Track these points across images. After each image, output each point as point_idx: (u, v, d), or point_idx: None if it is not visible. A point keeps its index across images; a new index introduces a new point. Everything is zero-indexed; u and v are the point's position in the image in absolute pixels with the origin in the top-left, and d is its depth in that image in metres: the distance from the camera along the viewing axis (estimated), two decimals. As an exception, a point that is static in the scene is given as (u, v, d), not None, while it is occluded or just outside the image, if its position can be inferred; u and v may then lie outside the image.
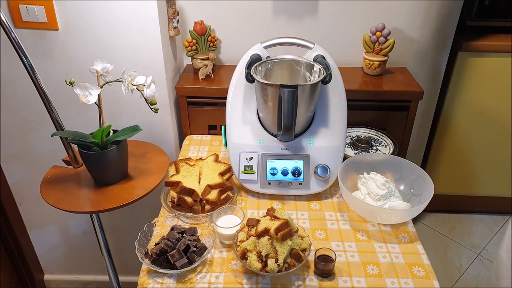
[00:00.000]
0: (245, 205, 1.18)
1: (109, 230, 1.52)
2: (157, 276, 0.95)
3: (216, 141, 1.49)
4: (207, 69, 1.51)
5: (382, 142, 1.41)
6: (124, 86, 1.07)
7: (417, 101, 1.49)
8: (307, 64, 1.19)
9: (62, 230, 1.77)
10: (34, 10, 1.23)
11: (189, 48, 1.50)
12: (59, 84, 1.29)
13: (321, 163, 1.18)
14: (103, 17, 1.26)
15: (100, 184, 1.15)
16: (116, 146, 1.10)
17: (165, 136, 1.50)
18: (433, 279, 0.95)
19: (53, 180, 1.17)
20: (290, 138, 1.15)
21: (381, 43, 1.51)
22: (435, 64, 1.66)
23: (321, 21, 1.54)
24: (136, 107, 1.41)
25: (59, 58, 1.33)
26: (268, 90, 1.11)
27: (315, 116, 1.22)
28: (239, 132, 1.22)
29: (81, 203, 1.11)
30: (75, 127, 1.22)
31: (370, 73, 1.56)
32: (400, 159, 1.20)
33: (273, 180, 1.18)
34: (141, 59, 1.33)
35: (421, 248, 1.04)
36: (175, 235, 0.98)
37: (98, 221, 1.27)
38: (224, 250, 1.03)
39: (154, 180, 1.16)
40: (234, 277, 0.95)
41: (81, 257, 1.85)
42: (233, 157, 1.21)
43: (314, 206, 1.18)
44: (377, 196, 1.11)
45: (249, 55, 1.19)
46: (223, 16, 1.53)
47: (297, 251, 0.93)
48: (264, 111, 1.18)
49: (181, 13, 1.52)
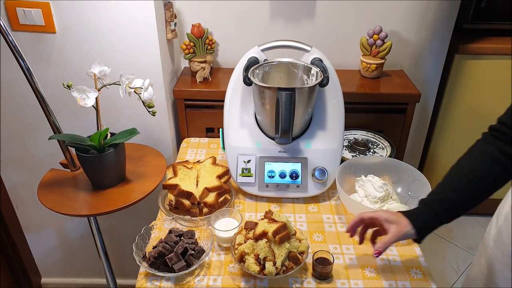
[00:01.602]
0: (243, 208, 1.18)
1: (106, 233, 1.51)
2: (155, 279, 0.95)
3: (214, 144, 1.49)
4: (205, 72, 1.51)
5: (379, 144, 1.41)
6: (122, 89, 1.07)
7: (414, 104, 1.49)
8: (305, 67, 1.19)
9: (60, 233, 1.76)
10: (31, 13, 1.23)
11: (186, 51, 1.51)
12: (57, 87, 1.29)
13: (318, 165, 1.19)
14: (100, 20, 1.26)
15: (98, 187, 1.14)
16: (114, 149, 1.10)
17: (162, 139, 1.50)
18: (430, 281, 0.95)
19: (51, 183, 1.17)
20: (288, 140, 1.15)
21: (378, 45, 1.51)
22: (432, 66, 1.67)
23: (319, 24, 1.54)
24: (134, 110, 1.41)
25: (56, 61, 1.33)
26: (265, 93, 1.11)
27: (312, 119, 1.22)
28: (237, 135, 1.22)
29: (78, 206, 1.11)
30: (73, 130, 1.22)
31: (367, 75, 1.57)
32: (398, 162, 1.21)
33: (271, 183, 1.18)
34: (138, 62, 1.33)
35: (418, 250, 1.04)
36: (173, 238, 0.98)
37: (95, 224, 1.26)
38: (222, 253, 1.03)
39: (152, 183, 1.16)
40: (232, 280, 0.95)
41: (78, 260, 1.85)
42: (231, 160, 1.21)
43: (312, 209, 1.18)
44: (375, 198, 1.11)
45: (246, 58, 1.19)
46: (220, 19, 1.54)
47: (295, 254, 0.93)
48: (261, 114, 1.18)
49: (179, 16, 1.52)
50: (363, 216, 0.92)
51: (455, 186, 0.86)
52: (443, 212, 0.86)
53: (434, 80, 1.72)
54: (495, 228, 0.97)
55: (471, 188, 0.85)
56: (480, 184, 0.84)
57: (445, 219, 0.86)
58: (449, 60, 1.73)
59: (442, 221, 0.86)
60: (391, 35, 1.54)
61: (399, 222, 0.87)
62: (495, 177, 0.83)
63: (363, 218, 0.92)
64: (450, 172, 0.88)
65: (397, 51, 1.59)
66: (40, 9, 1.23)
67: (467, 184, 0.85)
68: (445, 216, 0.86)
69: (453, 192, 0.86)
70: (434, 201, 0.88)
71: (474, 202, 0.85)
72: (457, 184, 0.86)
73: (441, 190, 0.88)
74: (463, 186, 0.85)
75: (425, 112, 1.81)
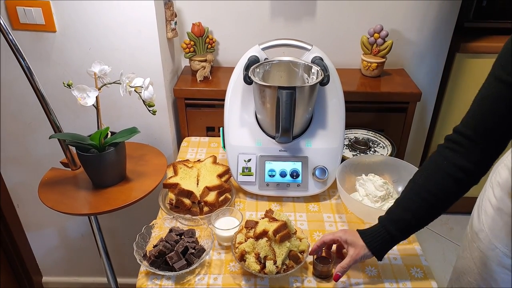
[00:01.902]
0: (244, 207, 1.18)
1: (107, 232, 1.51)
2: (156, 278, 0.95)
3: (214, 143, 1.49)
4: (205, 71, 1.51)
5: (380, 143, 1.41)
6: (122, 88, 1.07)
7: (415, 103, 1.49)
8: (305, 66, 1.19)
9: (60, 232, 1.76)
10: (31, 12, 1.23)
11: (187, 50, 1.50)
12: (57, 86, 1.29)
13: (319, 164, 1.19)
14: (100, 19, 1.26)
15: (98, 186, 1.14)
16: (114, 148, 1.10)
17: (163, 138, 1.50)
18: (431, 280, 0.95)
19: (51, 182, 1.17)
20: (288, 139, 1.15)
21: (379, 44, 1.51)
22: (433, 65, 1.67)
23: (319, 22, 1.54)
24: (134, 109, 1.41)
25: (56, 60, 1.33)
26: (266, 91, 1.11)
27: (313, 118, 1.22)
28: (237, 134, 1.22)
29: (79, 205, 1.11)
30: (73, 129, 1.22)
31: (368, 74, 1.57)
32: (398, 161, 1.21)
33: (271, 182, 1.18)
34: (139, 61, 1.33)
35: (419, 249, 1.04)
36: (173, 237, 0.98)
37: (96, 223, 1.26)
38: (223, 252, 1.03)
39: (152, 182, 1.16)
40: (232, 279, 0.95)
41: (79, 259, 1.85)
42: (231, 159, 1.21)
43: (313, 208, 1.18)
44: (375, 197, 1.11)
45: (247, 57, 1.19)
46: (221, 18, 1.54)
47: (295, 253, 0.93)
48: (262, 112, 1.18)
49: (179, 15, 1.52)
50: (325, 239, 0.95)
51: (409, 206, 0.87)
52: (398, 232, 0.88)
53: (435, 79, 1.71)
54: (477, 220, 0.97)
55: (425, 206, 0.85)
56: (435, 203, 0.84)
57: (400, 238, 0.89)
58: (450, 59, 1.73)
59: (398, 240, 0.89)
60: (392, 33, 1.54)
61: (356, 245, 0.90)
62: (450, 193, 0.83)
63: (324, 241, 0.95)
64: (406, 188, 0.89)
65: (398, 50, 1.58)
66: (40, 8, 1.23)
67: (421, 203, 0.85)
68: (400, 236, 0.88)
69: (407, 212, 0.87)
70: (390, 221, 0.89)
71: (429, 220, 0.87)
72: (411, 204, 0.86)
73: (397, 210, 0.89)
74: (417, 206, 0.85)
75: (426, 111, 1.80)
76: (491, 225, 0.91)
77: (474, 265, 0.97)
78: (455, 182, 0.81)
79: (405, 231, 0.88)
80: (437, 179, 0.83)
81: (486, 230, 0.92)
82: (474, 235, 0.96)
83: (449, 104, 1.85)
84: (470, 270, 0.99)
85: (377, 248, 0.90)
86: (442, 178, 0.82)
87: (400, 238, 0.89)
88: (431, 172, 0.85)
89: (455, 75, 1.78)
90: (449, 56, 1.70)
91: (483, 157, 0.79)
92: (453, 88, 1.81)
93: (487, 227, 0.92)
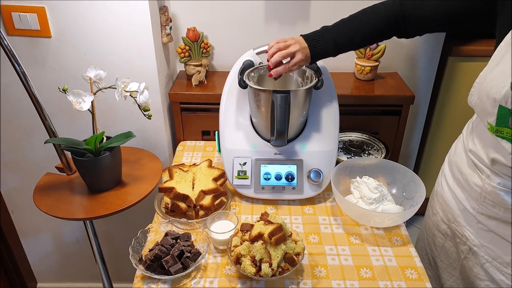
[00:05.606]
0: (239, 210, 1.18)
1: (102, 237, 1.51)
2: (152, 282, 0.95)
3: (210, 146, 1.49)
4: (200, 75, 1.52)
5: (374, 146, 1.42)
6: (117, 93, 1.08)
7: (408, 106, 1.51)
8: (299, 70, 1.20)
9: (56, 238, 1.76)
10: (26, 18, 1.23)
11: (182, 54, 1.51)
12: (52, 91, 1.29)
13: (314, 167, 1.19)
14: (95, 24, 1.26)
15: (94, 190, 1.14)
16: (110, 152, 1.10)
17: (158, 142, 1.50)
18: (425, 282, 0.96)
19: (46, 187, 1.16)
20: (283, 143, 1.15)
21: (372, 48, 1.52)
22: (425, 68, 1.68)
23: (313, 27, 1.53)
24: (130, 113, 1.41)
25: (52, 66, 1.33)
26: (261, 95, 1.12)
27: (307, 121, 1.23)
28: (233, 137, 1.22)
29: (74, 210, 1.10)
30: (68, 134, 1.22)
31: (361, 78, 1.58)
32: (392, 163, 1.22)
33: (266, 185, 1.19)
34: (134, 66, 1.34)
35: (413, 251, 1.04)
36: (169, 241, 0.98)
37: (91, 228, 1.26)
38: (218, 255, 1.03)
39: (148, 186, 1.16)
40: (228, 282, 0.95)
41: (74, 265, 1.84)
42: (227, 163, 1.21)
43: (308, 211, 1.18)
44: (370, 199, 1.12)
45: (241, 61, 1.20)
46: (215, 22, 1.55)
47: (290, 255, 0.94)
48: (257, 116, 1.19)
49: (174, 20, 1.53)
50: (279, 46, 1.06)
51: (352, 32, 1.06)
52: (333, 50, 1.07)
53: (428, 82, 1.73)
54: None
55: (362, 38, 1.06)
56: (371, 38, 1.07)
57: (332, 55, 1.09)
58: (442, 62, 1.75)
59: (329, 55, 1.09)
60: (385, 37, 1.55)
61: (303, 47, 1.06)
62: (384, 35, 1.07)
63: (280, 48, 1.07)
64: (355, 16, 1.07)
65: (391, 54, 1.60)
66: (35, 14, 1.23)
67: (362, 37, 1.06)
68: (333, 53, 1.08)
69: (346, 36, 1.06)
70: (332, 40, 1.06)
71: (357, 48, 1.13)
72: (354, 31, 1.05)
73: (341, 29, 1.07)
74: (358, 36, 1.05)
75: (420, 113, 1.82)
76: (440, 192, 1.10)
77: (424, 231, 1.17)
78: (392, 31, 1.05)
79: (338, 51, 1.08)
80: (381, 23, 1.04)
81: (435, 197, 1.12)
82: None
83: (442, 107, 1.87)
84: (423, 237, 1.18)
85: (314, 53, 1.07)
86: (385, 25, 1.04)
87: (331, 55, 1.08)
88: (379, 16, 1.04)
89: (447, 78, 1.80)
90: (442, 59, 1.71)
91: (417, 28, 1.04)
92: (446, 91, 1.82)
93: (436, 195, 1.12)
